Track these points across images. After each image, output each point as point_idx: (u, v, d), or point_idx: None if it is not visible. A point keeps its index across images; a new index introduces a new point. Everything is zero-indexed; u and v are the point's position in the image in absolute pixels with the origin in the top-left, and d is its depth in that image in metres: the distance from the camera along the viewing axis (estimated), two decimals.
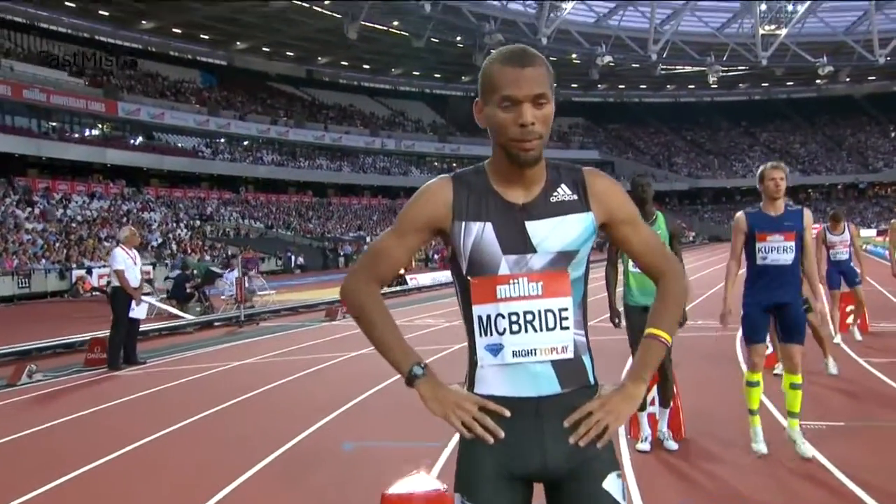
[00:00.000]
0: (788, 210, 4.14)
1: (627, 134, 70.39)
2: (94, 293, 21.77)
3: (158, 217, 34.63)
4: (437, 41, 49.14)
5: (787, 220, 4.07)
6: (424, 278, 21.40)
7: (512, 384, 1.50)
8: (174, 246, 30.92)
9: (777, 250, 4.05)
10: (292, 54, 52.78)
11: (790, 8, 52.35)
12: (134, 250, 8.78)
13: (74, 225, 29.52)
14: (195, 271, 16.37)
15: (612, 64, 54.03)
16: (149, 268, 22.80)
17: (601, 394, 1.53)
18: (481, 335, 1.52)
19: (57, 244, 26.41)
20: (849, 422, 4.81)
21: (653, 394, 4.40)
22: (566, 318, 1.51)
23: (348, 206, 48.70)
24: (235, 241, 34.55)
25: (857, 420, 4.87)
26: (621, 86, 67.83)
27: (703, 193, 66.74)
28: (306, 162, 48.25)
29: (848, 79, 61.71)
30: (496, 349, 1.50)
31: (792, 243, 4.05)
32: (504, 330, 1.49)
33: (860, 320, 8.16)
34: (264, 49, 50.98)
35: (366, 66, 57.06)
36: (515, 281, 1.49)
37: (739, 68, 59.33)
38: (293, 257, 35.16)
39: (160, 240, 31.16)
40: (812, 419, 4.61)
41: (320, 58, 54.08)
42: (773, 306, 4.11)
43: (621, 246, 1.63)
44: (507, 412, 1.48)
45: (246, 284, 14.64)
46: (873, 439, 4.47)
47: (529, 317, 1.49)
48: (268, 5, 39.93)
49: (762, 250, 4.09)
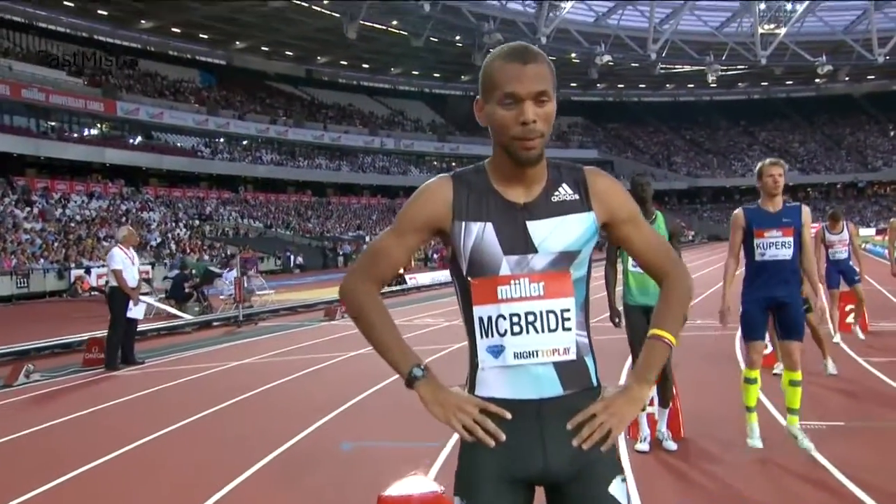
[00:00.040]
0: (787, 206, 4.14)
1: (626, 133, 70.39)
2: (93, 293, 21.76)
3: (157, 217, 34.59)
4: (437, 41, 49.12)
5: (786, 217, 4.07)
6: (423, 278, 21.38)
7: (513, 386, 1.48)
8: (173, 245, 30.89)
9: (775, 246, 4.05)
10: (291, 54, 52.74)
11: (789, 7, 52.38)
12: (132, 250, 8.77)
13: (73, 224, 29.48)
14: (194, 271, 16.35)
15: (612, 63, 54.03)
16: (147, 267, 22.80)
17: (604, 396, 1.51)
18: (482, 337, 1.50)
19: (55, 244, 26.38)
20: (849, 422, 4.79)
21: (652, 394, 4.39)
22: (568, 319, 1.49)
23: (347, 206, 48.67)
24: (234, 241, 34.52)
25: (857, 420, 4.85)
26: (620, 85, 67.82)
27: (703, 192, 66.77)
28: (305, 161, 48.22)
29: (847, 78, 61.72)
30: (497, 351, 1.48)
31: (790, 239, 4.04)
32: (505, 331, 1.47)
33: (860, 319, 8.15)
34: (263, 48, 50.95)
35: (365, 66, 57.03)
36: (516, 281, 1.47)
37: (738, 67, 59.36)
38: (292, 257, 35.12)
39: (159, 239, 31.13)
40: (812, 419, 4.60)
41: (319, 57, 54.05)
42: (772, 303, 4.11)
43: (623, 246, 1.61)
44: (509, 415, 1.46)
45: (245, 284, 14.63)
46: (873, 439, 4.45)
47: (531, 318, 1.47)
48: (266, 5, 39.89)
49: (760, 246, 4.09)
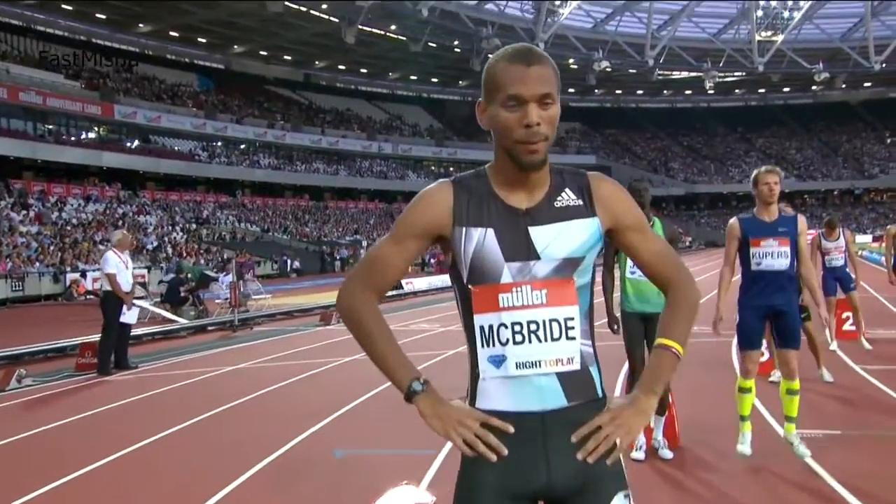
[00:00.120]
0: (783, 216, 4.13)
1: (624, 139, 70.53)
2: (89, 297, 21.70)
3: (154, 220, 34.54)
4: (435, 45, 49.21)
5: (782, 226, 4.06)
6: (420, 282, 21.34)
7: (515, 398, 1.43)
8: (169, 249, 30.82)
9: (771, 255, 4.03)
10: (290, 58, 52.78)
11: (786, 14, 52.57)
12: (126, 254, 8.74)
13: (69, 228, 29.41)
14: (189, 275, 16.31)
15: (609, 69, 54.13)
16: (143, 271, 22.75)
17: (610, 407, 1.47)
18: (483, 346, 1.45)
19: (51, 247, 26.31)
20: (845, 430, 4.77)
21: None
22: (572, 328, 1.44)
23: (345, 210, 48.64)
24: (231, 245, 34.47)
25: (854, 428, 4.83)
26: (618, 91, 67.97)
27: (700, 199, 66.91)
28: (303, 166, 48.22)
29: (844, 85, 61.92)
30: (499, 361, 1.44)
31: (787, 248, 4.03)
32: (507, 340, 1.43)
33: (856, 326, 8.12)
34: (261, 53, 50.99)
35: (363, 70, 57.11)
36: (518, 289, 1.43)
37: (736, 74, 59.58)
38: (289, 261, 35.07)
39: (156, 243, 31.06)
40: (808, 427, 4.57)
41: (318, 62, 54.11)
42: (769, 312, 4.09)
43: (628, 253, 1.57)
44: (511, 428, 1.41)
45: (241, 288, 14.58)
46: (870, 448, 4.43)
47: (533, 326, 1.42)
48: (265, 7, 39.87)
49: (756, 256, 4.07)
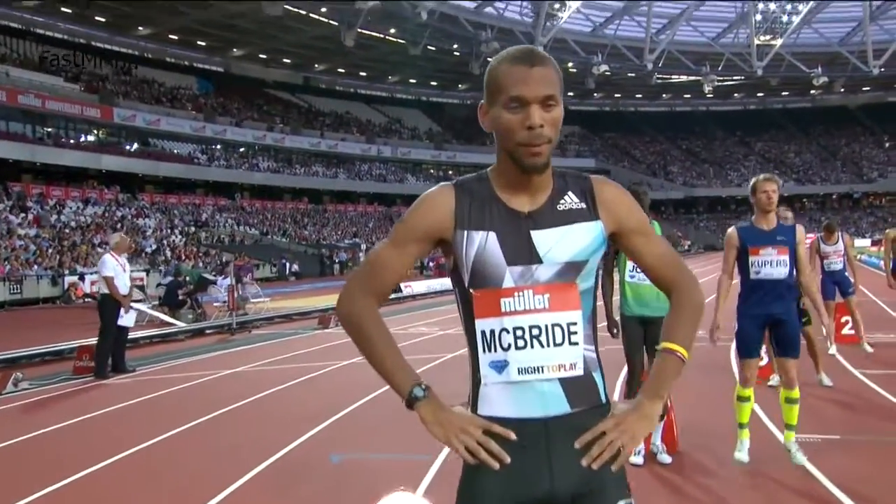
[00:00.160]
0: (781, 225, 4.12)
1: (623, 143, 70.60)
2: (87, 300, 21.67)
3: (153, 223, 34.51)
4: (434, 49, 49.27)
5: (780, 235, 4.04)
6: (419, 286, 21.30)
7: (518, 404, 1.41)
8: (168, 252, 30.79)
9: (770, 264, 4.01)
10: (289, 61, 52.82)
11: (785, 18, 52.69)
12: (123, 257, 8.72)
13: (68, 231, 29.39)
14: (188, 278, 16.28)
15: (609, 73, 54.22)
16: (142, 274, 22.72)
17: (614, 413, 1.45)
18: (484, 351, 1.43)
19: (50, 250, 26.27)
20: (845, 435, 4.75)
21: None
22: (575, 333, 1.42)
23: (344, 213, 48.64)
24: (230, 248, 34.44)
25: (853, 433, 4.81)
26: (617, 95, 68.07)
27: (699, 202, 66.96)
28: (302, 169, 48.21)
29: (842, 89, 61.97)
30: (500, 366, 1.42)
31: (785, 257, 4.01)
32: (509, 346, 1.41)
33: (855, 331, 8.10)
34: (261, 56, 51.01)
35: (362, 74, 57.15)
36: (520, 293, 1.41)
37: (735, 78, 59.64)
38: (288, 264, 35.05)
39: (154, 246, 31.03)
40: (807, 432, 4.55)
41: (317, 65, 54.15)
42: (769, 320, 4.07)
43: (632, 257, 1.55)
44: (513, 435, 1.40)
45: (240, 292, 14.56)
46: (869, 453, 4.41)
47: (535, 332, 1.40)
48: (264, 12, 39.91)
49: (755, 264, 4.05)
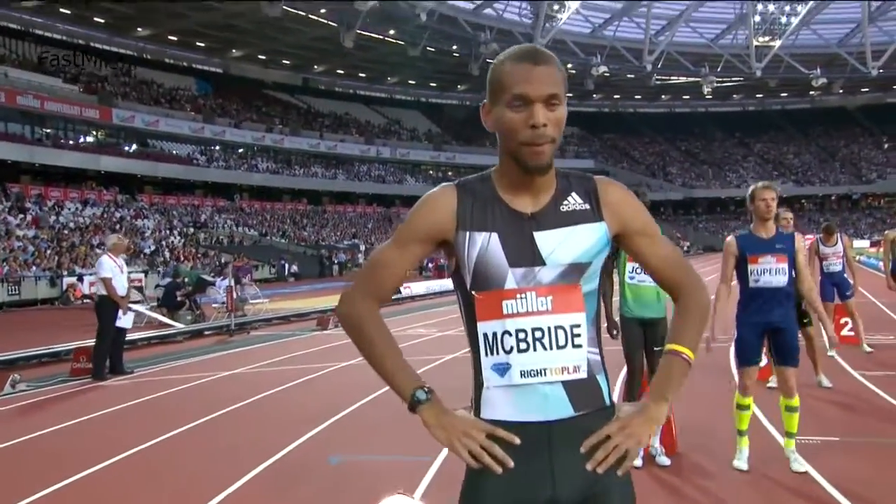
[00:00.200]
0: (780, 233, 4.10)
1: (622, 144, 70.64)
2: (85, 301, 21.62)
3: (152, 224, 34.49)
4: (433, 50, 49.31)
5: (779, 243, 4.02)
6: (418, 287, 21.27)
7: (520, 407, 1.40)
8: (167, 253, 30.76)
9: (769, 272, 4.00)
10: (288, 62, 52.84)
11: (784, 20, 52.75)
12: (121, 258, 8.70)
13: (66, 232, 29.35)
14: (186, 279, 16.26)
15: (608, 74, 54.28)
16: (140, 275, 22.69)
17: (619, 415, 1.43)
18: (487, 354, 1.42)
19: (48, 251, 26.24)
20: (844, 436, 4.75)
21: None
22: (578, 336, 1.41)
23: (343, 214, 48.64)
24: (229, 249, 34.39)
25: (853, 435, 4.81)
26: (616, 96, 68.12)
27: (698, 203, 66.98)
28: (301, 170, 48.21)
29: (841, 90, 62.07)
30: (503, 369, 1.40)
31: (784, 265, 4.00)
32: (511, 348, 1.39)
33: (855, 332, 8.10)
34: (260, 57, 51.01)
35: (361, 75, 57.17)
36: (523, 295, 1.39)
37: (734, 79, 59.73)
38: (287, 265, 35.03)
39: (153, 247, 31.00)
40: (807, 434, 4.54)
41: (316, 66, 54.16)
42: (768, 328, 4.05)
43: (637, 258, 1.53)
44: (517, 440, 1.38)
45: (238, 293, 14.53)
46: (869, 454, 4.40)
47: (538, 334, 1.39)
48: (263, 13, 39.90)
49: (754, 273, 4.03)
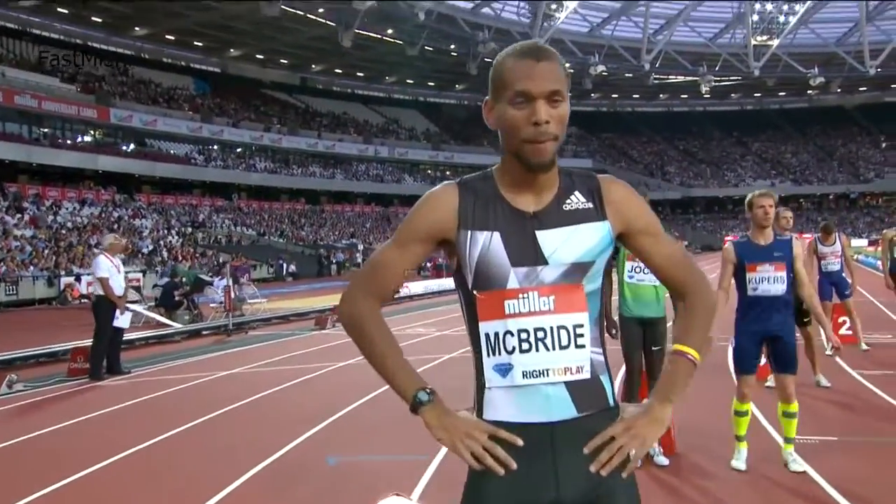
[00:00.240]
0: (777, 239, 4.07)
1: (620, 143, 70.67)
2: (83, 301, 21.58)
3: (150, 224, 34.44)
4: (431, 49, 49.29)
5: (777, 251, 4.00)
6: (417, 286, 21.26)
7: (523, 408, 1.39)
8: (165, 253, 30.72)
9: (768, 281, 3.97)
10: (286, 62, 52.79)
11: (782, 19, 52.78)
12: (117, 258, 8.68)
13: (64, 231, 29.30)
14: (184, 279, 16.23)
15: (606, 73, 54.31)
16: (138, 275, 22.64)
17: (624, 416, 1.42)
18: (488, 354, 1.41)
19: (46, 251, 26.19)
20: (842, 436, 4.74)
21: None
22: (581, 336, 1.39)
23: (341, 214, 48.61)
24: (227, 249, 34.37)
25: (851, 434, 4.81)
26: (614, 95, 68.17)
27: (696, 202, 67.06)
28: (299, 169, 48.18)
29: (839, 89, 62.16)
30: (505, 369, 1.39)
31: (783, 273, 3.97)
32: (513, 349, 1.38)
33: (853, 331, 8.10)
34: (258, 56, 50.96)
35: (360, 74, 57.14)
36: (525, 295, 1.38)
37: (732, 78, 59.77)
38: (285, 265, 35.00)
39: (151, 247, 30.96)
40: (805, 434, 4.53)
41: (314, 65, 54.12)
42: (766, 336, 4.04)
43: (641, 258, 1.52)
44: (520, 441, 1.37)
45: (236, 292, 14.51)
46: (867, 454, 4.40)
47: (541, 334, 1.37)
48: (261, 10, 39.84)
49: (752, 281, 4.01)
